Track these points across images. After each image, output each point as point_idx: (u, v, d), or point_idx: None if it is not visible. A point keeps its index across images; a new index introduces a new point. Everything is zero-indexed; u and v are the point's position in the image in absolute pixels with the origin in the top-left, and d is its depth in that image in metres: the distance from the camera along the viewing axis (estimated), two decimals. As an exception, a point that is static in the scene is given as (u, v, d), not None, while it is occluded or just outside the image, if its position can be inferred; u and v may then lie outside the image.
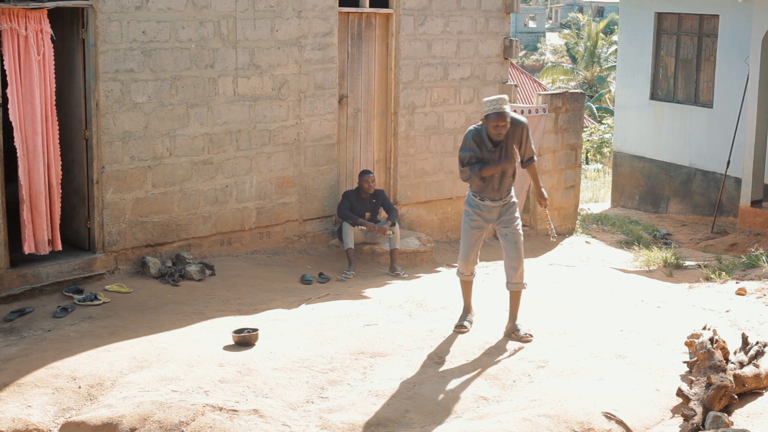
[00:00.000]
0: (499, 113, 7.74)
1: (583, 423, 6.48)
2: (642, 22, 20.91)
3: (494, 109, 7.74)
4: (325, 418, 6.66)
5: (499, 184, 8.04)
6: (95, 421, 6.61)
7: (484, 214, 8.14)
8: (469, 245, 8.24)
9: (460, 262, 8.34)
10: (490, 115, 7.77)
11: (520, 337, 8.09)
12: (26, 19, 9.46)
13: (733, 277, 11.55)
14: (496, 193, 8.07)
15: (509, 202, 8.17)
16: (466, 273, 8.37)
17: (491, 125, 7.79)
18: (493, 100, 7.79)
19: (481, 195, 8.08)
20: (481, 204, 8.11)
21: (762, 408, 6.67)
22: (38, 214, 9.81)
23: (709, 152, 19.22)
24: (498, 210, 8.14)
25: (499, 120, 7.75)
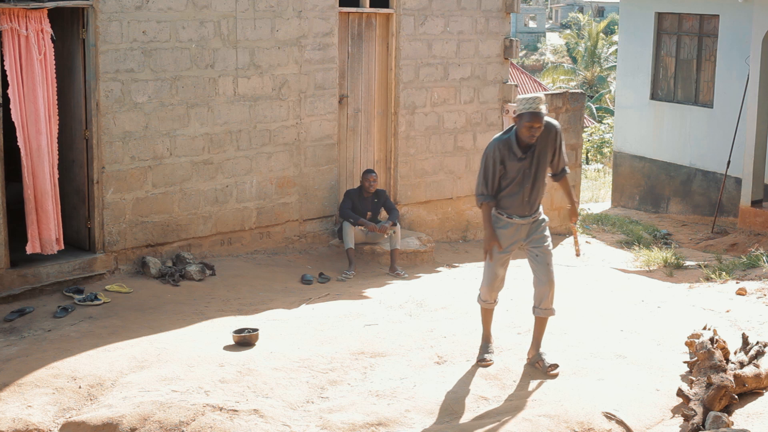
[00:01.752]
0: (534, 113, 6.97)
1: (584, 423, 6.48)
2: (642, 22, 20.92)
3: (529, 108, 6.99)
4: (326, 418, 6.66)
5: (529, 197, 7.26)
6: (95, 421, 6.61)
7: (513, 235, 7.34)
8: (494, 271, 7.41)
9: (484, 289, 7.50)
10: (524, 115, 7.00)
11: (546, 368, 7.36)
12: (27, 19, 9.46)
13: (734, 277, 11.55)
14: (526, 208, 7.28)
15: (538, 219, 7.39)
16: (489, 300, 7.56)
17: (525, 125, 7.00)
18: (528, 98, 7.05)
19: (508, 212, 7.28)
20: (509, 223, 7.30)
21: (762, 408, 6.67)
22: (45, 213, 9.81)
23: (710, 152, 19.22)
24: (527, 228, 7.36)
25: (534, 120, 6.98)
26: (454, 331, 8.36)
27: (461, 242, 14.16)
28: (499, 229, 7.31)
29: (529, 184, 7.20)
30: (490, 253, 7.30)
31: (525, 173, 7.17)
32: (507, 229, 7.30)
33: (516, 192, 7.20)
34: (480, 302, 7.61)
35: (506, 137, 7.14)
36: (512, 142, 7.10)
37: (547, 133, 7.17)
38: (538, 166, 7.20)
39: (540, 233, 7.38)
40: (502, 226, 7.32)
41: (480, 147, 14.18)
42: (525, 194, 7.22)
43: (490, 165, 7.14)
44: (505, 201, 7.26)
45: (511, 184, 7.18)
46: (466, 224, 14.30)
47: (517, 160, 7.12)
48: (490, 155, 7.13)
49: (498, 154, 7.10)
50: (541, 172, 7.25)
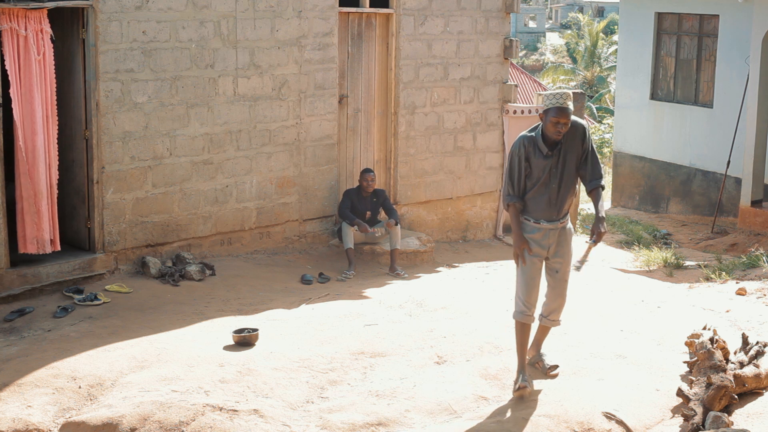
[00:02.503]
0: (561, 108, 6.71)
1: (583, 423, 6.49)
2: (642, 22, 20.92)
3: (556, 102, 6.74)
4: (325, 418, 6.66)
5: (557, 198, 6.93)
6: (95, 421, 6.61)
7: (541, 241, 6.97)
8: (529, 278, 6.97)
9: (521, 299, 7.00)
10: (550, 110, 6.75)
11: (546, 369, 7.30)
12: (26, 19, 9.45)
13: (734, 277, 11.55)
14: (553, 212, 6.93)
15: (566, 227, 7.07)
16: (526, 312, 7.01)
17: (551, 121, 6.74)
18: (555, 93, 6.81)
19: (535, 217, 6.94)
20: (536, 228, 6.94)
21: (762, 408, 6.67)
22: (40, 213, 9.81)
23: (709, 152, 19.22)
24: (556, 235, 6.99)
25: (560, 116, 6.72)
26: (454, 331, 8.36)
27: (461, 242, 14.16)
28: (528, 235, 6.95)
29: (556, 184, 6.89)
30: (522, 256, 6.91)
31: (552, 172, 6.87)
32: (535, 234, 6.95)
33: (543, 193, 6.89)
34: (516, 317, 7.03)
35: (532, 134, 6.91)
36: (538, 138, 6.85)
37: (575, 131, 6.89)
38: (565, 164, 6.90)
39: (565, 246, 7.06)
40: (529, 232, 6.95)
41: (480, 147, 14.19)
42: (552, 195, 6.90)
43: (516, 163, 6.89)
44: (531, 204, 6.94)
45: (538, 185, 6.88)
46: (466, 224, 14.31)
47: (543, 158, 6.84)
48: (516, 152, 6.90)
49: (523, 151, 6.86)
50: (569, 172, 6.93)
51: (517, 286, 7.03)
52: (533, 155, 6.85)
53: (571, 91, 6.92)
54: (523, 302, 6.97)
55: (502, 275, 11.35)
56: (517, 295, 7.01)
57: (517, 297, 7.01)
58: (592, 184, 6.99)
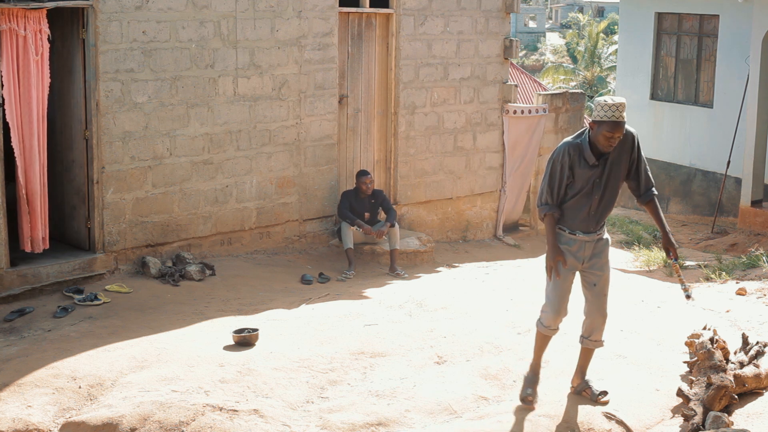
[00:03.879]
0: (617, 123, 6.25)
1: (584, 423, 6.49)
2: (642, 22, 20.92)
3: (612, 116, 6.24)
4: (325, 418, 6.66)
5: (596, 210, 6.53)
6: (95, 421, 6.61)
7: (576, 252, 6.57)
8: (561, 292, 6.61)
9: (549, 314, 6.66)
10: (604, 123, 6.27)
11: (595, 396, 6.80)
12: (25, 20, 9.45)
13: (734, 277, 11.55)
14: (591, 223, 6.54)
15: (602, 238, 6.65)
16: (552, 327, 6.72)
17: (604, 134, 6.27)
18: (611, 104, 6.26)
19: (571, 227, 6.54)
20: (571, 239, 6.54)
21: (762, 408, 6.67)
22: (35, 213, 9.82)
23: (709, 152, 19.22)
24: (592, 247, 6.58)
25: (615, 131, 6.26)
26: (454, 331, 8.36)
27: (461, 242, 14.16)
28: (562, 246, 6.55)
29: (598, 195, 6.47)
30: (556, 269, 6.51)
31: (595, 183, 6.45)
32: (570, 246, 6.55)
33: (583, 204, 6.48)
34: (540, 327, 6.75)
35: (578, 141, 6.43)
36: (584, 147, 6.39)
37: (624, 140, 6.46)
38: (610, 175, 6.47)
39: (602, 257, 6.64)
40: (564, 243, 6.56)
41: (480, 147, 14.19)
42: (592, 207, 6.49)
43: (558, 170, 6.43)
44: (568, 213, 6.53)
45: (579, 195, 6.47)
46: (466, 224, 14.31)
47: (588, 168, 6.40)
48: (558, 159, 6.42)
49: (567, 159, 6.40)
50: (613, 184, 6.51)
51: (546, 299, 6.66)
52: (578, 164, 6.40)
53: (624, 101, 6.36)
54: (550, 316, 6.64)
55: (502, 275, 11.35)
56: (546, 307, 6.66)
57: (545, 309, 6.67)
58: (646, 195, 6.69)
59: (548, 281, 6.61)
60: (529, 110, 14.89)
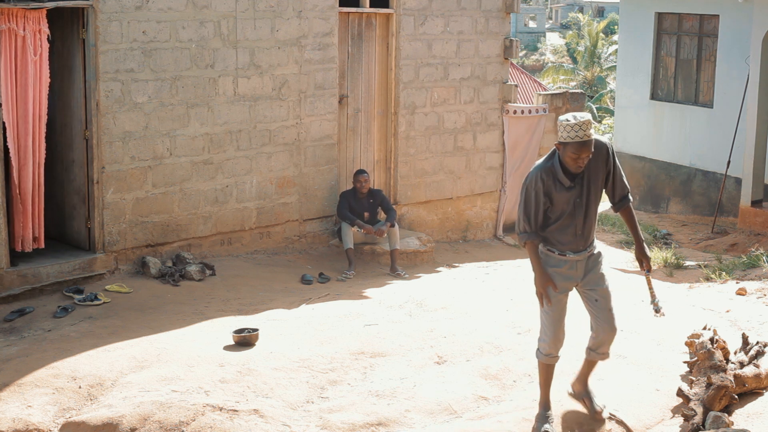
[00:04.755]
0: (583, 143, 5.93)
1: (583, 423, 6.49)
2: (642, 22, 20.92)
3: (575, 136, 5.92)
4: (326, 418, 6.66)
5: (582, 229, 6.23)
6: (95, 421, 6.61)
7: (568, 273, 6.30)
8: (556, 317, 6.33)
9: (546, 342, 6.40)
10: (569, 144, 5.96)
11: (593, 412, 6.57)
12: (25, 20, 9.45)
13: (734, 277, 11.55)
14: (580, 242, 6.25)
15: (594, 253, 6.36)
16: (553, 353, 6.42)
17: (570, 156, 5.98)
18: (573, 124, 5.94)
19: (560, 248, 6.25)
20: (561, 261, 6.27)
21: (762, 408, 6.67)
22: (27, 212, 9.82)
23: (710, 152, 19.22)
24: (584, 264, 6.31)
25: (582, 151, 5.95)
26: (454, 331, 8.36)
27: (461, 242, 14.16)
28: (552, 269, 6.26)
29: (582, 215, 6.19)
30: (546, 295, 6.24)
31: (576, 203, 6.16)
32: (561, 268, 6.28)
33: (568, 225, 6.19)
34: (539, 357, 6.47)
35: (549, 164, 6.11)
36: (557, 169, 6.08)
37: (597, 154, 6.13)
38: (589, 193, 6.18)
39: (597, 272, 6.35)
40: (554, 265, 6.27)
41: (480, 147, 14.19)
42: (578, 227, 6.20)
43: (533, 198, 6.11)
44: (555, 236, 6.23)
45: (562, 218, 6.18)
46: (466, 224, 14.31)
47: (565, 190, 6.10)
48: (532, 187, 6.11)
49: (541, 185, 6.08)
50: (594, 200, 6.22)
51: (541, 326, 6.43)
52: (554, 188, 6.09)
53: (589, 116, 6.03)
54: (548, 344, 6.37)
55: (502, 275, 11.35)
56: (542, 335, 6.41)
57: (542, 338, 6.42)
58: (621, 203, 6.42)
59: (541, 309, 6.36)
60: (529, 110, 14.90)
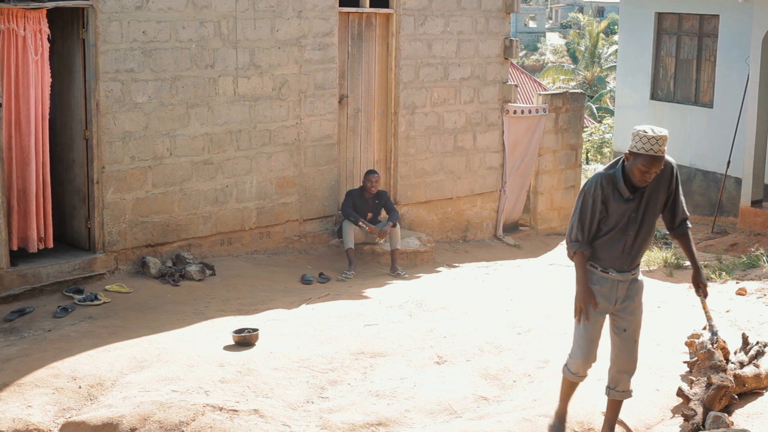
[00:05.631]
0: (656, 158, 5.71)
1: (584, 423, 6.49)
2: (642, 22, 20.91)
3: (650, 149, 5.69)
4: (326, 418, 6.66)
5: (631, 247, 5.96)
6: (95, 421, 6.61)
7: (609, 293, 6.00)
8: (591, 337, 6.07)
9: (577, 360, 6.15)
10: (640, 156, 5.73)
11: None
12: (25, 20, 9.45)
13: (734, 277, 11.54)
14: (626, 260, 5.97)
15: (637, 279, 6.07)
16: (581, 373, 6.20)
17: (639, 168, 5.74)
18: (650, 136, 5.73)
19: (603, 264, 5.97)
20: (603, 278, 5.98)
21: (762, 408, 6.67)
22: (30, 212, 9.82)
23: (710, 152, 19.21)
24: (625, 288, 6.02)
25: (652, 165, 5.73)
26: (454, 331, 8.36)
27: (461, 242, 14.16)
28: (593, 286, 6.00)
29: (634, 231, 5.91)
30: (585, 312, 5.97)
31: (630, 218, 5.90)
32: (603, 287, 5.99)
33: (617, 240, 5.92)
34: (566, 374, 6.24)
35: (611, 172, 5.89)
36: (618, 179, 5.85)
37: (662, 173, 5.91)
38: (646, 209, 5.92)
39: (635, 300, 6.07)
40: (595, 282, 6.00)
41: (480, 147, 14.19)
42: (627, 243, 5.93)
43: (589, 204, 5.88)
44: (601, 250, 5.97)
45: (613, 231, 5.92)
46: (466, 224, 14.30)
47: (623, 202, 5.86)
48: (590, 193, 5.87)
49: (600, 193, 5.85)
50: (649, 218, 5.96)
51: (574, 343, 6.17)
52: (612, 198, 5.86)
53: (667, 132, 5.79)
54: (579, 362, 6.13)
55: (502, 275, 11.35)
56: (574, 352, 6.16)
57: (572, 354, 6.17)
58: (680, 228, 6.09)
59: (576, 325, 6.09)
60: (529, 110, 14.90)
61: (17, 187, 9.76)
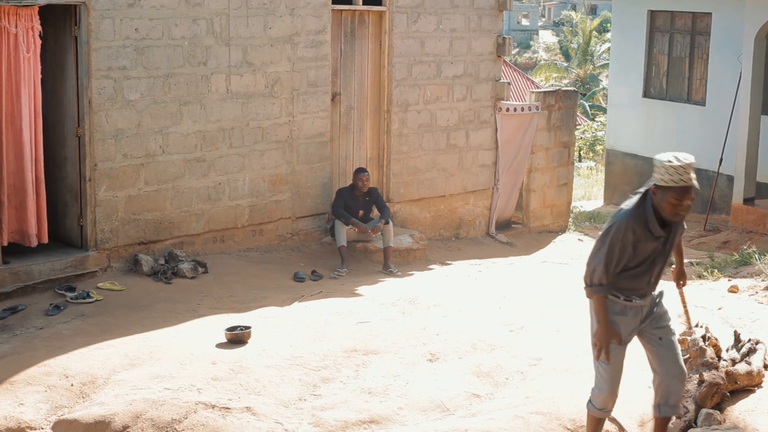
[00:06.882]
0: (687, 188, 5.34)
1: (576, 420, 6.50)
2: (635, 20, 20.93)
3: (680, 180, 5.31)
4: (318, 415, 6.66)
5: (656, 277, 5.74)
6: (88, 419, 6.61)
7: (633, 320, 5.75)
8: (615, 371, 5.80)
9: (602, 395, 5.84)
10: (671, 189, 5.35)
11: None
12: (17, 17, 9.43)
13: (726, 274, 11.57)
14: (651, 288, 5.75)
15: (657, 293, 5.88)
16: (608, 408, 5.89)
17: (670, 202, 5.38)
18: (678, 166, 5.32)
19: (627, 294, 5.68)
20: (627, 307, 5.70)
21: (754, 405, 6.68)
22: (24, 209, 9.80)
23: (702, 150, 19.19)
24: (648, 308, 5.80)
25: (685, 197, 5.35)
26: (446, 328, 8.36)
27: (454, 240, 14.17)
28: (616, 316, 5.70)
29: (661, 263, 5.68)
30: (606, 351, 5.69)
31: (658, 253, 5.63)
32: (626, 316, 5.72)
33: (642, 274, 5.65)
34: (591, 410, 5.94)
35: (640, 212, 5.48)
36: (649, 217, 5.46)
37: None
38: (672, 241, 5.66)
39: (661, 308, 5.86)
40: (618, 312, 5.70)
41: (473, 144, 14.19)
42: (653, 275, 5.69)
43: (617, 250, 5.51)
44: (626, 283, 5.66)
45: (640, 266, 5.64)
46: (459, 222, 14.31)
47: (653, 240, 5.53)
48: (618, 238, 5.47)
49: (631, 237, 5.47)
50: (672, 246, 5.70)
51: (597, 378, 5.89)
52: (643, 239, 5.51)
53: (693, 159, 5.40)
54: (606, 397, 5.84)
55: (494, 273, 11.36)
56: (598, 387, 5.87)
57: (596, 389, 5.88)
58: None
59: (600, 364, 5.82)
60: (522, 108, 14.91)
61: (8, 183, 9.73)
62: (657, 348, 5.81)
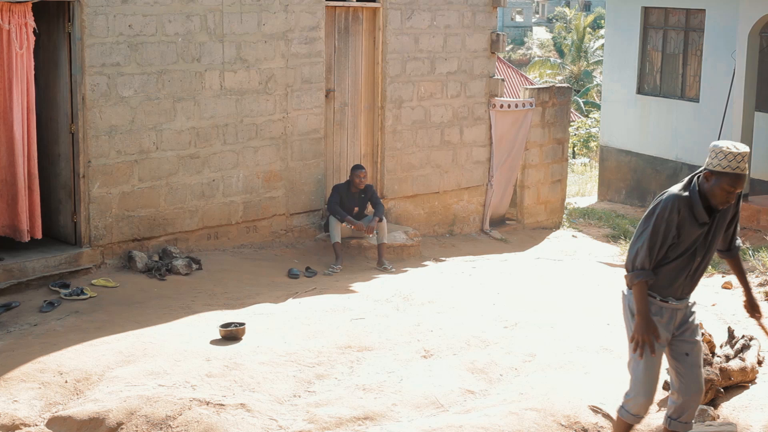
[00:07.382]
0: (741, 176, 5.26)
1: (570, 416, 6.50)
2: (629, 17, 20.94)
3: (736, 167, 5.23)
4: (312, 412, 6.66)
5: (695, 273, 5.58)
6: (82, 416, 6.60)
7: (667, 323, 5.59)
8: (655, 373, 5.61)
9: (638, 400, 5.63)
10: (724, 175, 5.27)
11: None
12: (10, 14, 9.41)
13: (719, 270, 11.59)
14: (687, 287, 5.61)
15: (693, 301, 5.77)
16: (642, 414, 5.69)
17: (723, 188, 5.28)
18: (735, 153, 5.25)
19: (662, 293, 5.55)
20: (663, 308, 5.56)
21: (748, 401, 6.70)
22: (15, 204, 9.79)
23: (696, 146, 19.25)
24: (682, 314, 5.64)
25: (737, 185, 5.27)
26: (440, 325, 8.37)
27: (448, 236, 14.17)
28: (653, 317, 5.53)
29: (701, 256, 5.52)
30: (651, 345, 5.46)
31: (700, 243, 5.47)
32: (662, 317, 5.56)
33: (683, 267, 5.51)
34: (624, 416, 5.72)
35: (686, 195, 5.37)
36: (695, 202, 5.35)
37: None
38: (715, 233, 5.51)
39: (692, 322, 5.69)
40: (655, 313, 5.54)
41: (467, 141, 14.20)
42: (692, 270, 5.54)
43: (662, 230, 5.37)
44: (664, 277, 5.52)
45: (682, 257, 5.48)
46: (453, 218, 14.31)
47: (697, 226, 5.39)
48: (665, 217, 5.35)
49: (676, 217, 5.34)
50: (716, 243, 5.57)
51: (633, 382, 5.67)
52: (687, 222, 5.38)
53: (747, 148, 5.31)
54: (642, 403, 5.63)
55: (488, 269, 11.37)
56: (633, 392, 5.65)
57: (631, 394, 5.67)
58: (734, 250, 5.79)
59: (636, 360, 5.59)
60: (516, 104, 14.92)
61: (5, 179, 9.71)
62: (682, 363, 5.66)
